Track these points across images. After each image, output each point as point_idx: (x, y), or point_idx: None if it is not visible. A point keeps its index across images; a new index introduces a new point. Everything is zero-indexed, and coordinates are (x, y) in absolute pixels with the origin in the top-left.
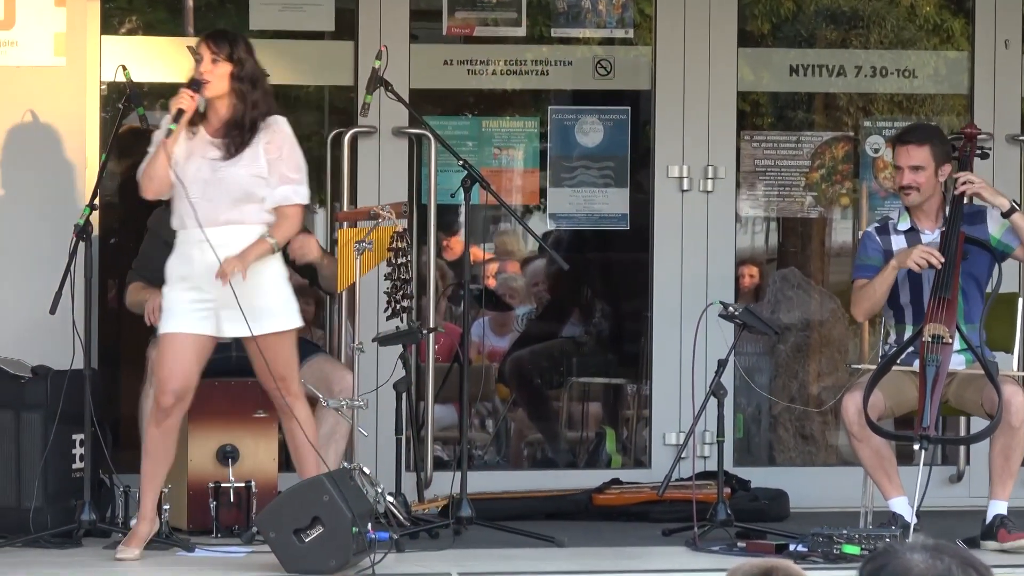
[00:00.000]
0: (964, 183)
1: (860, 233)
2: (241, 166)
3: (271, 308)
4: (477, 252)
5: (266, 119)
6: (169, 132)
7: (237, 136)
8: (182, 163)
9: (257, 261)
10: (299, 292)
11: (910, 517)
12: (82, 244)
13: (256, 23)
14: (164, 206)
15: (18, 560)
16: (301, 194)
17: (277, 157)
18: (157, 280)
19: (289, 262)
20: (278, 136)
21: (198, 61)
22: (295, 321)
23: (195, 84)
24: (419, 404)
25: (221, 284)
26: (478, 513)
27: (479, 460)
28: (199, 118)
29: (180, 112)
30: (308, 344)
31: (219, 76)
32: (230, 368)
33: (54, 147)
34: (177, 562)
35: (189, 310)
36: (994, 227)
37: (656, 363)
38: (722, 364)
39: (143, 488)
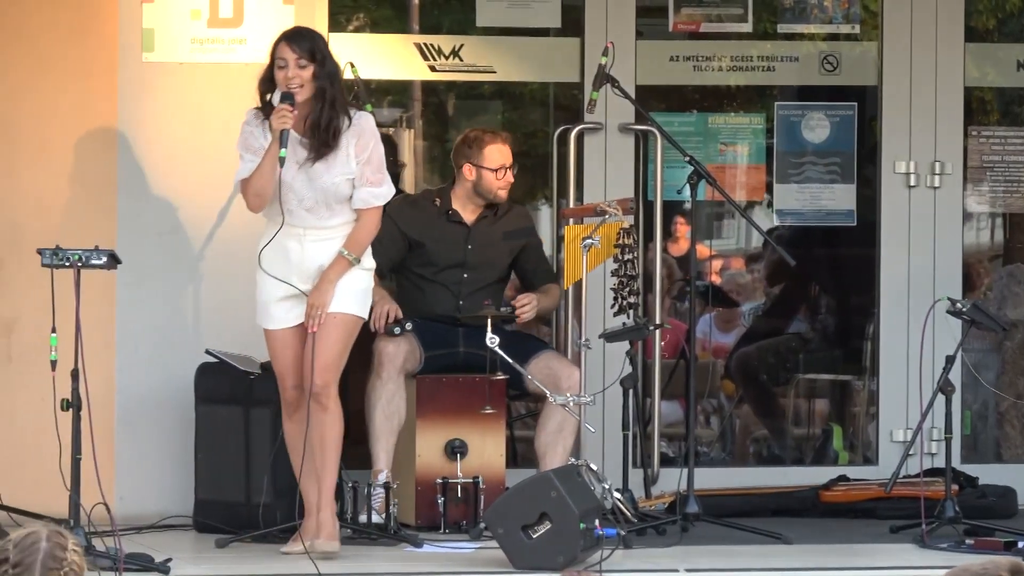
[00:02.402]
0: None
1: None
2: (335, 172)
3: (348, 293)
4: (703, 248)
5: (351, 117)
6: (282, 160)
7: (322, 136)
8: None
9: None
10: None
11: None
12: None
13: (483, 20)
14: (404, 196)
15: (248, 555)
16: (381, 196)
17: (365, 160)
18: (386, 265)
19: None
20: (365, 135)
21: (282, 67)
22: (359, 310)
23: (289, 98)
24: (645, 400)
25: (310, 330)
26: (705, 509)
27: (705, 456)
28: None
29: (285, 133)
30: (536, 341)
31: (306, 79)
32: (457, 364)
33: None
34: (405, 557)
35: (282, 307)
36: None
37: (883, 359)
38: (950, 360)
39: (300, 484)
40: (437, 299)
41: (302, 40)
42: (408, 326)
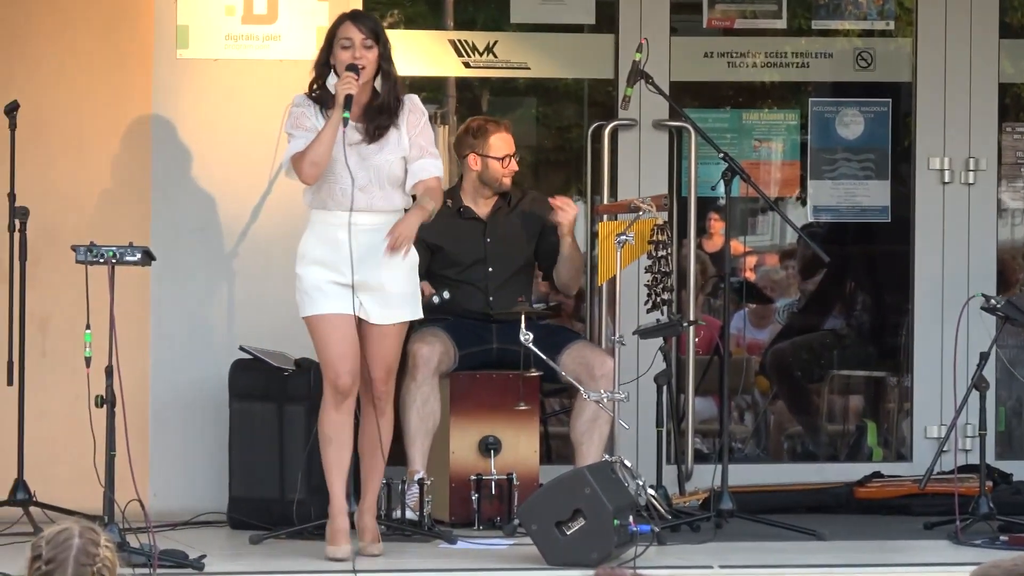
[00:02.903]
0: None
1: None
2: (388, 151)
3: (404, 297)
4: (737, 244)
5: (402, 98)
6: (346, 120)
7: (384, 119)
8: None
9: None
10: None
11: None
12: None
13: (517, 16)
14: None
15: (282, 551)
16: (440, 168)
17: (417, 132)
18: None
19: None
20: (416, 112)
21: (346, 46)
22: (419, 313)
23: (355, 69)
24: (679, 397)
25: (387, 256)
26: (739, 506)
27: (739, 453)
28: (332, 103)
29: (349, 98)
30: (568, 332)
31: (371, 60)
32: (491, 361)
33: None
34: (439, 554)
35: (333, 291)
36: None
37: (917, 356)
38: (984, 357)
39: (333, 479)
40: (467, 298)
41: (367, 20)
42: (445, 294)
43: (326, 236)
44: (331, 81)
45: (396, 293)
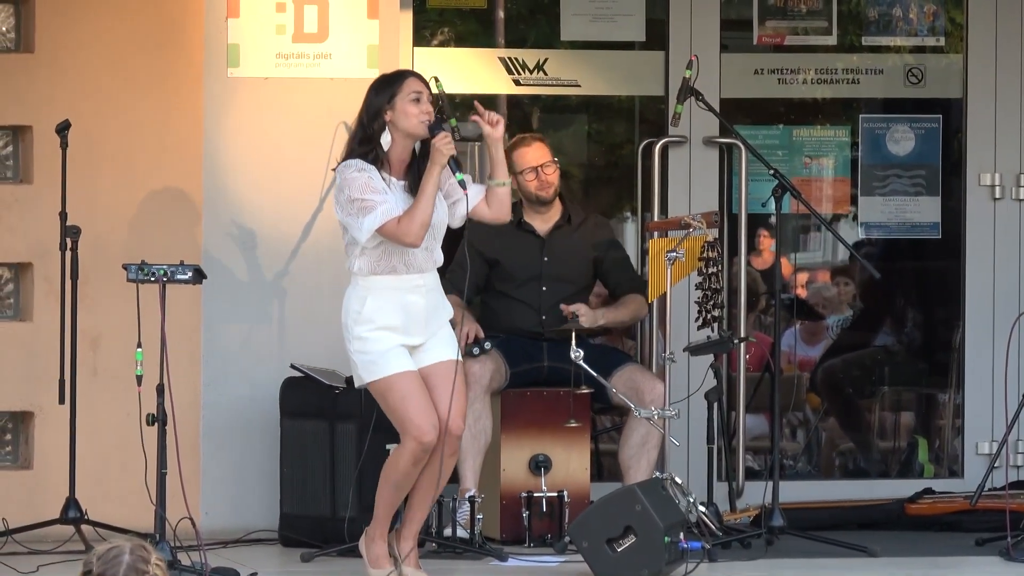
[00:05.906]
0: None
1: None
2: (439, 209)
3: (454, 339)
4: (786, 262)
5: None
6: (463, 182)
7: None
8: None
9: None
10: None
11: None
12: None
13: (567, 34)
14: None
15: (333, 569)
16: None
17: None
18: (472, 290)
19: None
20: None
21: (416, 99)
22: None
23: (438, 127)
24: (730, 414)
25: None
26: (790, 522)
27: (790, 470)
28: (384, 160)
29: (454, 159)
30: (619, 354)
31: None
32: (542, 379)
33: None
34: (491, 571)
35: (402, 352)
36: None
37: (968, 372)
38: None
39: (385, 512)
40: (519, 314)
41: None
42: (488, 346)
43: (398, 301)
44: (384, 139)
45: (450, 336)
